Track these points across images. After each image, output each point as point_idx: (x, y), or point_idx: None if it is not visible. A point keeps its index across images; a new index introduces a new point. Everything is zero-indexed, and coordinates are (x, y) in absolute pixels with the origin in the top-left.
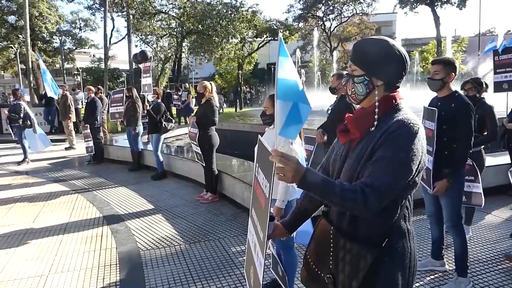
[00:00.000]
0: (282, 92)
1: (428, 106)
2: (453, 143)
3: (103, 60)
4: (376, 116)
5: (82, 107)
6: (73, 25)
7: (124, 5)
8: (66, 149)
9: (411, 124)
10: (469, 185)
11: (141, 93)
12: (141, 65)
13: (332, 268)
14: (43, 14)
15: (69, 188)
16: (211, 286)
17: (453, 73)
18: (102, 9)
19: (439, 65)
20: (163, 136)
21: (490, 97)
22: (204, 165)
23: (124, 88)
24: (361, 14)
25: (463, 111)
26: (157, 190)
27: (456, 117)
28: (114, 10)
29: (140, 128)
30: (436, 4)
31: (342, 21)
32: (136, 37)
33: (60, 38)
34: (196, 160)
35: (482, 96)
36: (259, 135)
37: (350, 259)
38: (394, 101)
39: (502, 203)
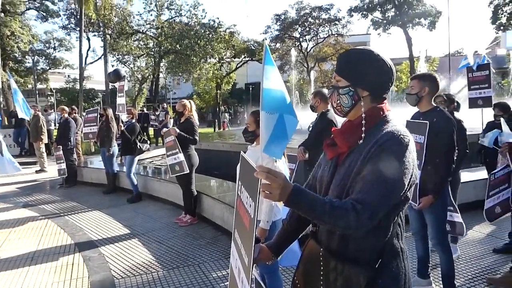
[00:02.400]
0: (267, 104)
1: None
2: (436, 158)
3: (78, 80)
4: (363, 128)
5: (55, 128)
6: (47, 44)
7: (101, 24)
8: (37, 172)
9: (402, 136)
10: (451, 215)
11: (115, 113)
12: (116, 84)
13: None
14: (15, 33)
15: (39, 213)
16: None
17: (427, 87)
18: (78, 29)
19: (414, 80)
20: (137, 158)
21: (465, 113)
22: (187, 171)
23: (98, 108)
24: (336, 35)
25: (445, 126)
26: (133, 213)
27: (437, 131)
28: (90, 29)
29: (115, 149)
30: (407, 25)
31: (318, 41)
32: (113, 57)
33: (33, 57)
34: (171, 174)
35: (452, 111)
36: (241, 152)
37: (342, 282)
38: (382, 113)
39: (482, 218)
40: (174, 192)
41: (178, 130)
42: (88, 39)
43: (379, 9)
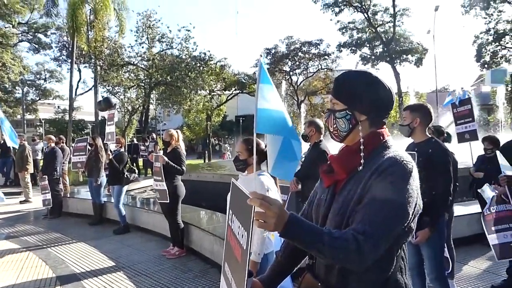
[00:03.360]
0: (262, 124)
1: (405, 150)
2: (432, 190)
3: (68, 111)
4: (362, 154)
5: (41, 159)
6: (38, 75)
7: (92, 56)
8: (21, 202)
9: (404, 162)
10: None
11: (104, 141)
12: (105, 113)
13: None
14: (7, 64)
15: (20, 245)
16: None
17: (418, 118)
18: (69, 60)
19: (406, 111)
20: (125, 188)
21: (455, 147)
22: (167, 201)
23: (88, 137)
24: (326, 69)
25: (440, 157)
26: (119, 245)
27: (433, 163)
28: (82, 61)
29: (103, 179)
30: (395, 61)
31: (308, 75)
32: (103, 88)
33: (23, 88)
34: (157, 199)
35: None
36: (232, 179)
37: None
38: (382, 138)
39: (478, 252)
40: (162, 223)
41: (166, 159)
42: (79, 70)
43: (367, 45)
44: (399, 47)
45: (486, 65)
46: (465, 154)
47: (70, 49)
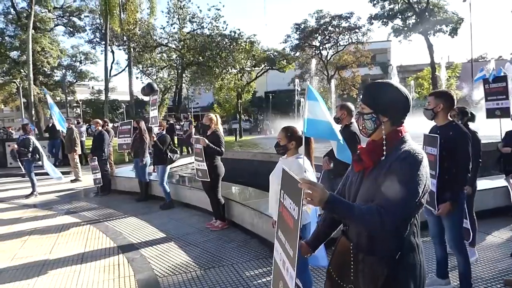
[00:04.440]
0: (309, 130)
1: (429, 133)
2: (452, 168)
3: (103, 92)
4: (384, 148)
5: (85, 140)
6: (74, 58)
7: (125, 38)
8: (72, 181)
9: (416, 154)
10: None
11: (148, 125)
12: (149, 98)
13: (353, 279)
14: (45, 49)
15: (80, 219)
16: None
17: (442, 104)
18: (103, 42)
19: (431, 96)
20: (168, 167)
21: (483, 122)
22: (208, 180)
23: (132, 120)
24: (356, 42)
25: (461, 139)
26: (166, 219)
27: (454, 144)
28: (115, 43)
29: (147, 159)
30: (429, 32)
31: (338, 50)
32: (137, 69)
33: (63, 71)
34: (198, 178)
35: (466, 123)
36: (283, 166)
37: (369, 271)
38: (400, 134)
39: (502, 224)
40: (204, 199)
41: (207, 141)
42: (113, 52)
43: (400, 16)
44: (433, 18)
45: None
46: (494, 128)
47: (103, 31)
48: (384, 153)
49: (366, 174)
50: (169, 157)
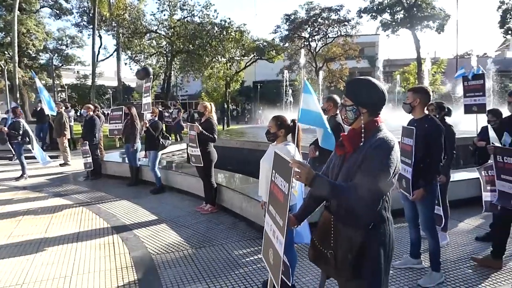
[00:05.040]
0: (303, 119)
1: (407, 125)
2: (426, 158)
3: (89, 76)
4: (362, 135)
5: (75, 124)
6: (60, 42)
7: (114, 24)
8: (61, 165)
9: (389, 140)
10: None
11: (141, 112)
12: (141, 82)
13: (333, 246)
14: (31, 31)
15: (72, 202)
16: (220, 282)
17: (419, 99)
18: (90, 26)
19: (409, 92)
20: (160, 153)
21: (462, 118)
22: (202, 165)
23: (123, 107)
24: (345, 35)
25: (435, 132)
26: (157, 203)
27: (428, 136)
28: (103, 28)
29: (138, 145)
30: (416, 28)
31: (327, 42)
32: (126, 55)
33: (51, 55)
34: (191, 163)
35: (443, 117)
36: (275, 149)
37: (346, 238)
38: (376, 124)
39: (474, 213)
40: (194, 184)
41: (200, 128)
42: (100, 36)
43: (388, 11)
44: (421, 13)
45: (510, 31)
46: (471, 124)
47: (91, 15)
48: (363, 139)
49: (347, 158)
50: (161, 143)
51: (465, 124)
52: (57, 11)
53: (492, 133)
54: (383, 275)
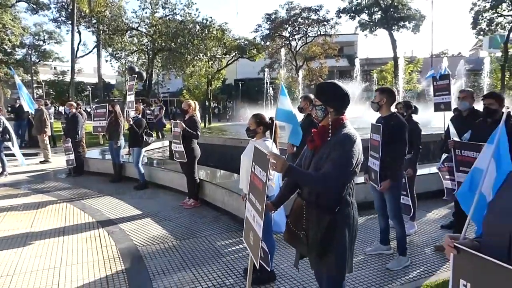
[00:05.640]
0: (280, 116)
1: (375, 123)
2: (392, 152)
3: (68, 73)
4: (330, 131)
5: (55, 121)
6: (37, 37)
7: (94, 21)
8: (41, 162)
9: (352, 135)
10: (402, 198)
11: (125, 109)
12: (127, 83)
13: (305, 227)
14: (6, 25)
15: (56, 198)
16: (204, 270)
17: (385, 98)
18: (68, 22)
19: (377, 92)
20: (143, 150)
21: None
22: (185, 161)
23: (107, 104)
24: (324, 35)
25: (399, 128)
26: (141, 198)
27: (394, 132)
28: (82, 24)
29: (122, 142)
30: (393, 28)
31: (307, 41)
32: (106, 52)
33: (29, 50)
34: (175, 159)
35: (410, 115)
36: (254, 144)
37: (316, 221)
38: (342, 121)
39: (442, 204)
40: (177, 180)
41: (184, 126)
42: (79, 32)
43: (366, 11)
44: (397, 14)
45: (482, 32)
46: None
47: (69, 10)
48: (330, 135)
49: (317, 151)
50: (144, 140)
51: (438, 121)
52: (34, 6)
53: (452, 129)
54: (348, 252)
